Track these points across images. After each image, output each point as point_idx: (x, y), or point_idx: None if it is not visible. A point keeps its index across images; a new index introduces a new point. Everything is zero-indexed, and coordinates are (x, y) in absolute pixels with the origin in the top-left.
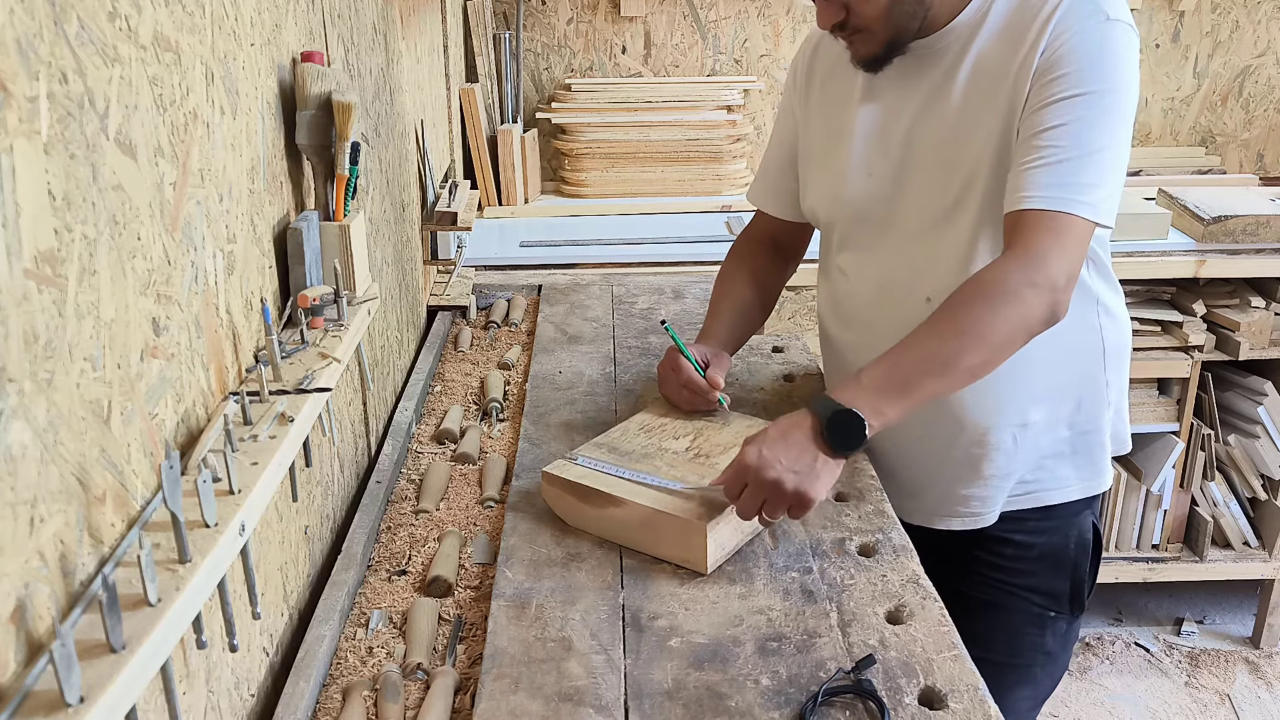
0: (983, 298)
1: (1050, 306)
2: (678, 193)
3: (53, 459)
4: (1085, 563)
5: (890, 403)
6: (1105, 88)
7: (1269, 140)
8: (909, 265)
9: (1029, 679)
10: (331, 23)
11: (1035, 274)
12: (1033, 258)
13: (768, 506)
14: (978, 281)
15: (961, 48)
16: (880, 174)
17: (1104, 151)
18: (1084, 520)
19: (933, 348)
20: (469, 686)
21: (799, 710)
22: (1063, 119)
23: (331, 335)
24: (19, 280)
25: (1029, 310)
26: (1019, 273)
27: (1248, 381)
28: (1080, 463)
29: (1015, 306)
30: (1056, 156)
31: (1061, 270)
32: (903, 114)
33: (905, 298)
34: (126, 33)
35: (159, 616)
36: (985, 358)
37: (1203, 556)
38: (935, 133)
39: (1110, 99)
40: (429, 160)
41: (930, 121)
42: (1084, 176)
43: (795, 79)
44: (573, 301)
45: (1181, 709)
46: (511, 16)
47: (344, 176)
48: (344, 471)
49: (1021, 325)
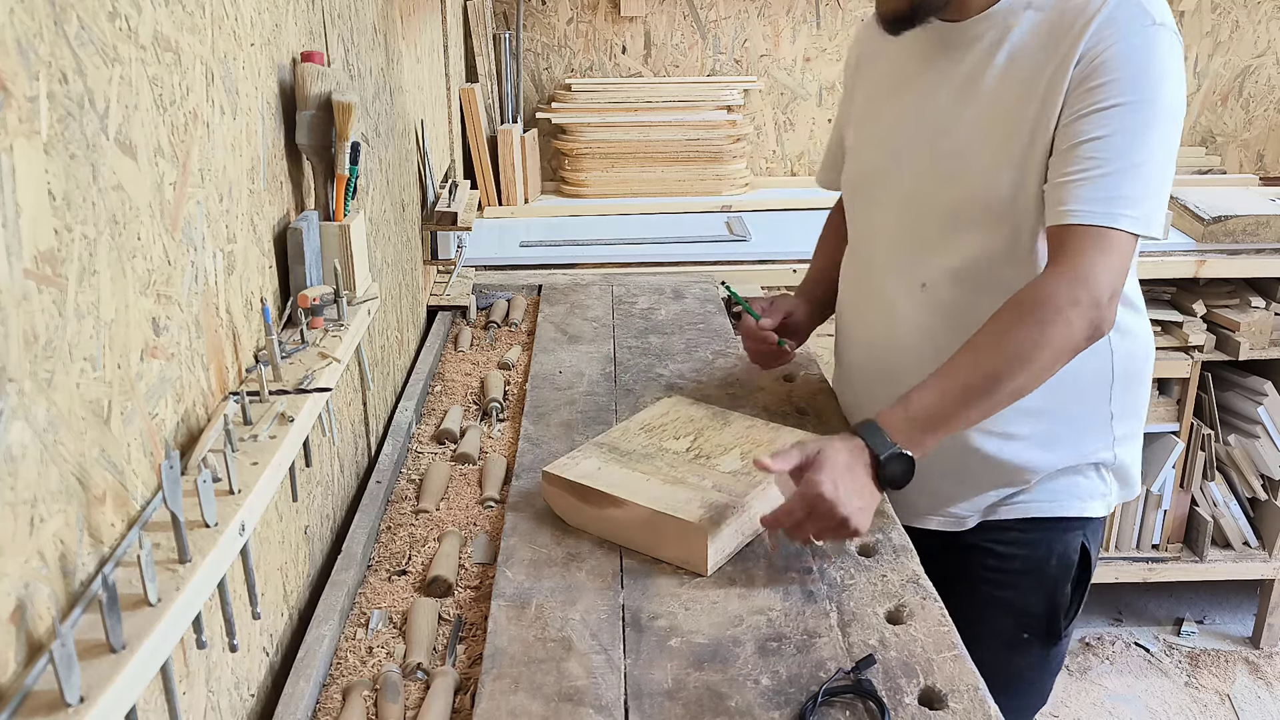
0: (1027, 318)
1: (1093, 323)
2: (678, 193)
3: (53, 459)
4: (1065, 585)
5: (934, 435)
6: (1149, 97)
7: (1269, 140)
8: (910, 251)
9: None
10: (331, 23)
11: (1079, 291)
12: (1077, 274)
13: (821, 533)
14: (1021, 301)
15: (998, 38)
16: (899, 159)
17: (1149, 163)
18: (1070, 539)
19: (976, 376)
20: (469, 686)
21: (799, 710)
22: (1106, 129)
23: (331, 335)
24: (19, 280)
25: (1073, 329)
26: (1063, 291)
27: (1248, 381)
28: (1072, 483)
29: (1058, 326)
30: (1100, 169)
31: (1105, 285)
32: (935, 100)
33: (901, 281)
34: (126, 33)
35: (159, 616)
36: (1028, 380)
37: (1203, 556)
38: (961, 122)
39: (1154, 108)
40: (429, 160)
41: (958, 111)
42: (1128, 189)
43: (848, 64)
44: (573, 301)
45: (1181, 709)
46: (511, 16)
47: (344, 176)
48: (344, 471)
49: (1065, 345)
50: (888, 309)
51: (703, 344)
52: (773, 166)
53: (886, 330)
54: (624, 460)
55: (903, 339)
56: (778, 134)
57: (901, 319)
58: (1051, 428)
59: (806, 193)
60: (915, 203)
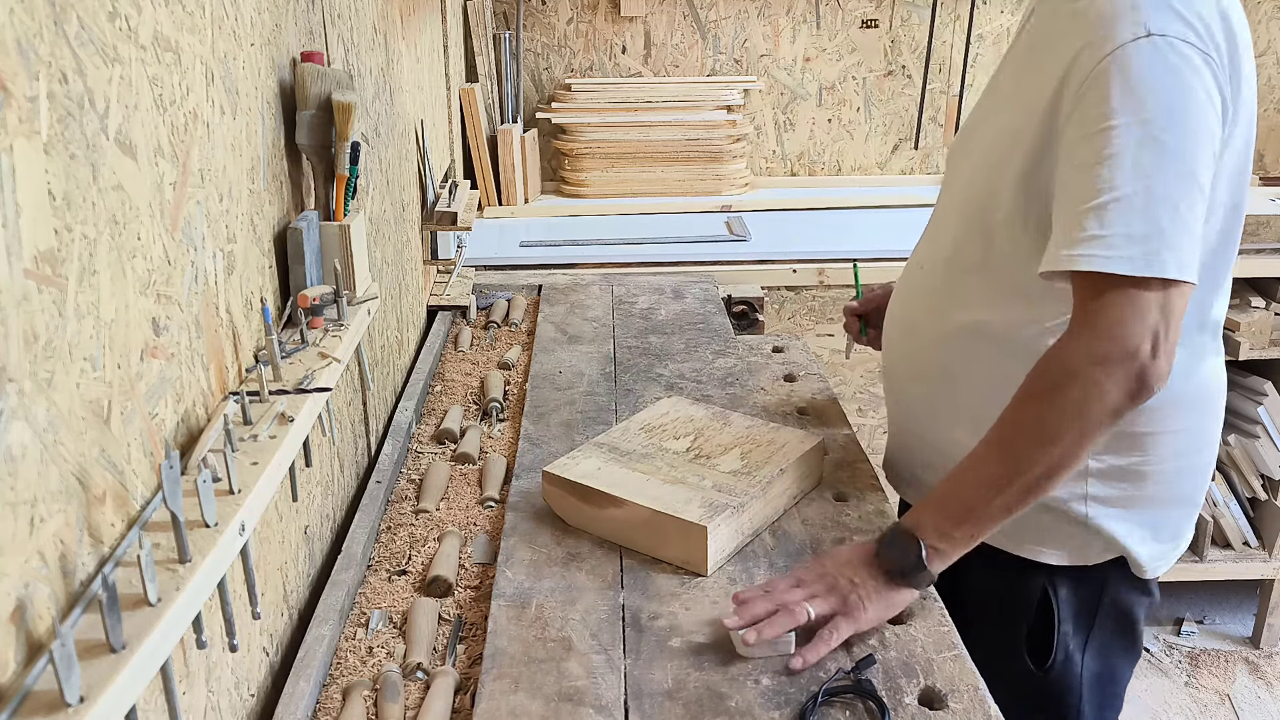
0: (1043, 388)
1: (1136, 378)
2: (678, 193)
3: (53, 459)
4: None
5: (955, 524)
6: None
7: (1269, 140)
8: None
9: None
10: (331, 23)
11: (1102, 347)
12: (1098, 329)
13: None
14: (1038, 369)
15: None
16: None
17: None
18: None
19: (992, 459)
20: (469, 686)
21: (799, 710)
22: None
23: (331, 335)
24: (19, 280)
25: (1103, 392)
26: (1081, 351)
27: (1248, 381)
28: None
29: (1084, 390)
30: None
31: (1137, 334)
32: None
33: (916, 259)
34: (126, 33)
35: (159, 616)
36: (1057, 458)
37: (1203, 556)
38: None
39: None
40: (429, 160)
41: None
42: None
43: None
44: (573, 301)
45: (1181, 709)
46: (511, 16)
47: (344, 176)
48: (344, 471)
49: (1098, 412)
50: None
51: (703, 344)
52: (773, 166)
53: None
54: (624, 460)
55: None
56: (778, 134)
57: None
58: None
59: (807, 193)
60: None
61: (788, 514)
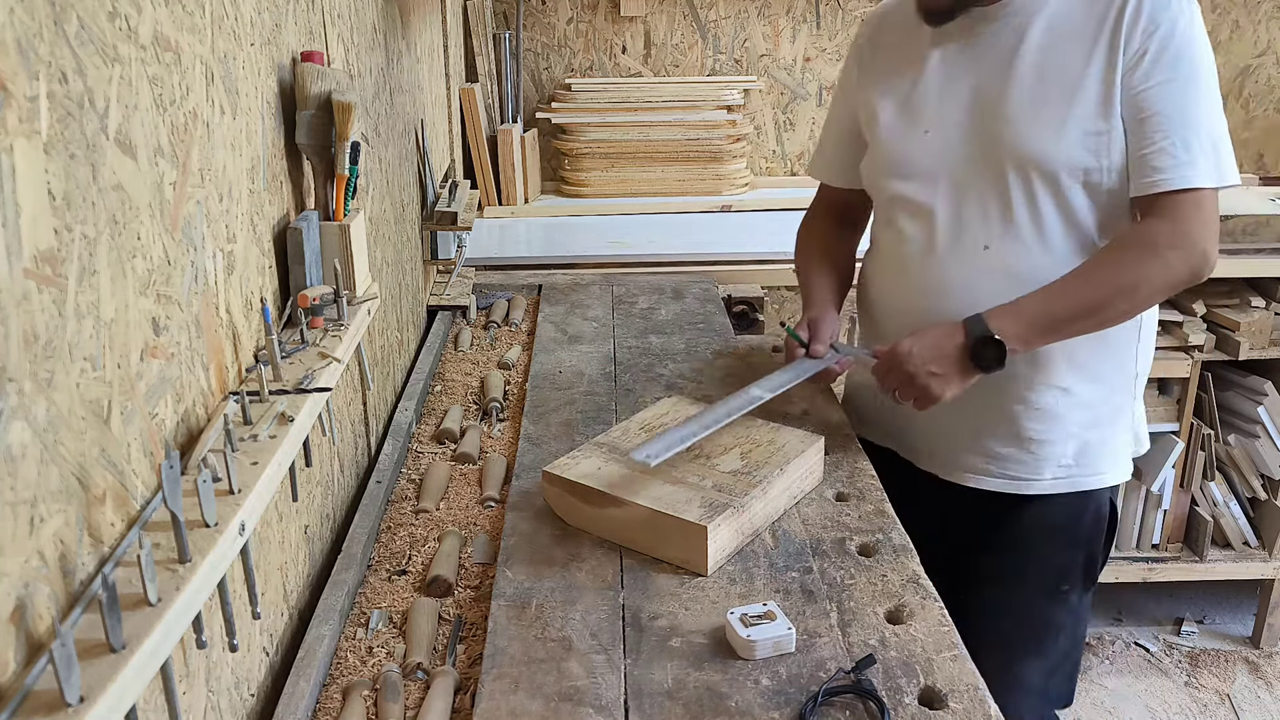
0: (1134, 252)
1: (1194, 268)
2: (678, 193)
3: (53, 459)
4: (1100, 537)
5: (1038, 335)
6: (1195, 67)
7: (1269, 140)
8: (968, 216)
9: (1037, 650)
10: (331, 23)
11: (1180, 238)
12: (1176, 224)
13: (901, 390)
14: (1127, 240)
15: (1033, 15)
16: (940, 132)
17: (1209, 121)
18: (1102, 499)
19: (1087, 294)
20: (469, 686)
21: (799, 710)
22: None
23: (331, 335)
24: (19, 280)
25: (1173, 269)
26: (1163, 234)
27: (1248, 381)
28: (1108, 449)
29: (1159, 264)
30: (1172, 138)
31: (1202, 235)
32: (967, 77)
33: (962, 248)
34: (126, 32)
35: (159, 616)
36: (1129, 306)
37: (1203, 556)
38: (1001, 96)
39: (1202, 76)
40: (429, 160)
41: (999, 83)
42: (1199, 149)
43: (859, 53)
44: (573, 301)
45: (1181, 709)
46: (511, 16)
47: (344, 176)
48: (344, 471)
49: (1164, 282)
50: (944, 277)
51: (703, 344)
52: (773, 166)
53: (944, 298)
54: (624, 460)
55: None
56: (778, 134)
57: (964, 285)
58: (1096, 383)
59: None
60: (970, 172)
61: (788, 514)
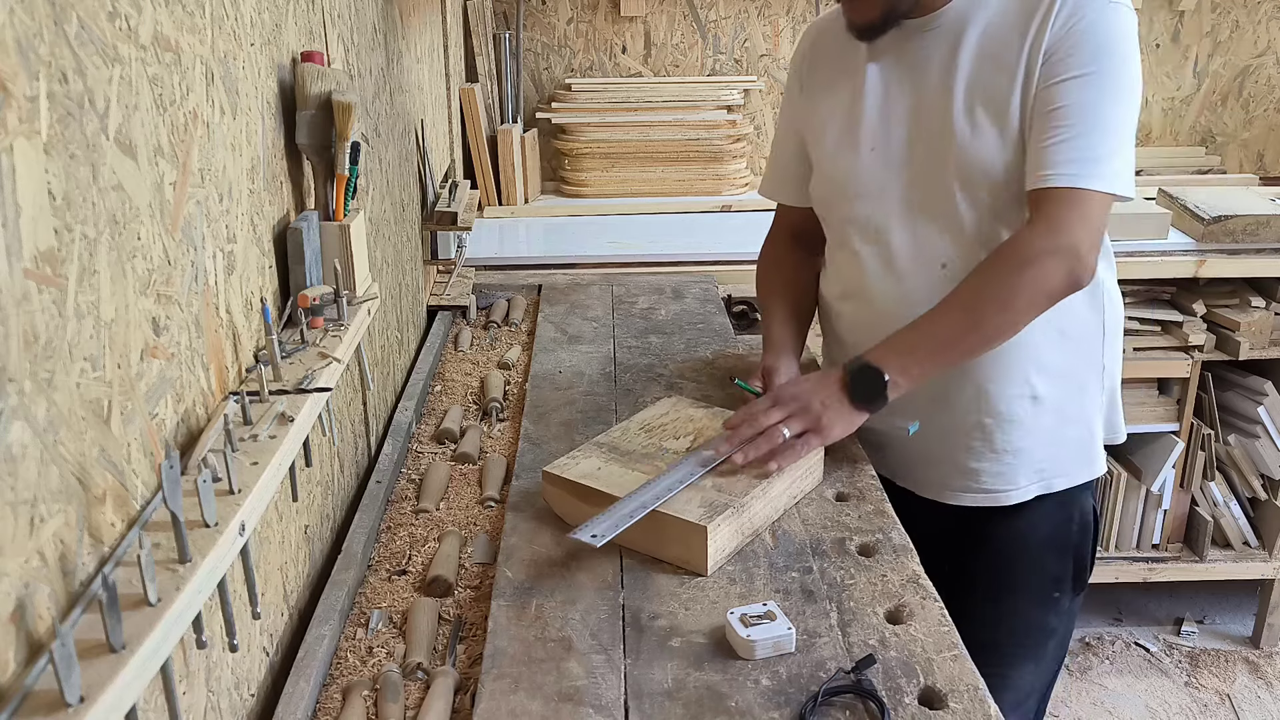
0: (1004, 265)
1: (1071, 272)
2: (678, 193)
3: (53, 459)
4: (1087, 544)
5: (918, 362)
6: (1109, 68)
7: (1269, 140)
8: (917, 236)
9: (1033, 655)
10: (331, 23)
11: (1054, 241)
12: (1052, 227)
13: (788, 422)
14: (1000, 251)
15: (964, 26)
16: (882, 150)
17: (1115, 127)
18: (1084, 501)
19: (957, 313)
20: (469, 686)
21: (799, 710)
22: (1077, 97)
23: (331, 335)
24: (19, 280)
25: (1049, 275)
26: (1039, 240)
27: (1248, 381)
28: (1082, 447)
29: (1034, 272)
30: (1071, 133)
31: (1082, 238)
32: (907, 92)
33: (920, 267)
34: (126, 33)
35: (159, 616)
36: (1006, 321)
37: (1203, 556)
38: (941, 108)
39: (1115, 79)
40: (429, 160)
41: (936, 97)
42: (1098, 151)
43: (798, 70)
44: (573, 301)
45: (1181, 709)
46: (511, 16)
47: (344, 176)
48: (344, 471)
49: (1042, 290)
50: (905, 299)
51: (703, 344)
52: None
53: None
54: (624, 460)
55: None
56: None
57: (924, 304)
58: (1066, 383)
59: None
60: (920, 189)
61: (788, 514)
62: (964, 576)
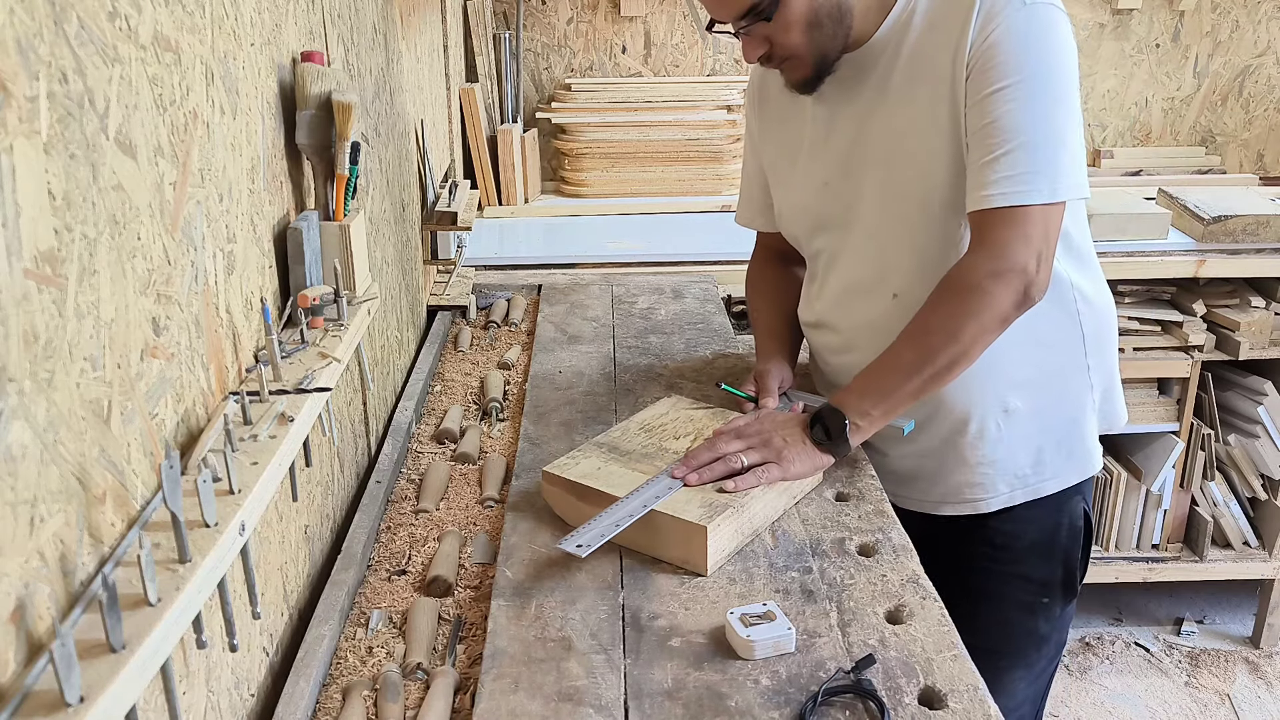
0: (950, 295)
1: (1019, 291)
2: (678, 193)
3: (53, 459)
4: (1076, 550)
5: (876, 402)
6: (1034, 71)
7: (1269, 140)
8: (872, 265)
9: (1023, 662)
10: (331, 23)
11: (996, 264)
12: (993, 251)
13: (747, 452)
14: (946, 280)
15: (894, 51)
16: (834, 182)
17: (1048, 133)
18: (1074, 507)
19: (908, 352)
20: (469, 686)
21: (799, 710)
22: (1001, 110)
23: (331, 335)
24: (19, 280)
25: (996, 300)
26: (982, 265)
27: (1248, 381)
28: (1068, 450)
29: (980, 298)
30: (1002, 149)
31: (1025, 256)
32: (848, 122)
33: (872, 297)
34: (126, 33)
35: (159, 616)
36: (958, 352)
37: (1203, 556)
38: (881, 134)
39: (1042, 80)
40: (429, 160)
41: (875, 124)
42: (1033, 163)
43: (752, 103)
44: (573, 301)
45: (1181, 709)
46: (511, 16)
47: (344, 176)
48: (344, 471)
49: (991, 316)
50: (865, 329)
51: (703, 344)
52: None
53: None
54: (624, 460)
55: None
56: None
57: (882, 334)
58: (1043, 393)
59: None
60: (869, 221)
61: (788, 514)
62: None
